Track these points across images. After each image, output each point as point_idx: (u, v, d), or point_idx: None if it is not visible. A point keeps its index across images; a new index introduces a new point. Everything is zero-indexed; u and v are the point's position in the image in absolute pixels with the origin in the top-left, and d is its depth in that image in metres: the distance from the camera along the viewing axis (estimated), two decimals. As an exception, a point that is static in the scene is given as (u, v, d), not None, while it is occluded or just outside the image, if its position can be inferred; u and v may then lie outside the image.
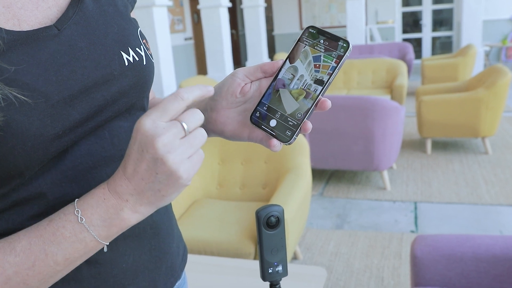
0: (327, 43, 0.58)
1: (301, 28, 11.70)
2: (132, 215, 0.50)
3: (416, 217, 3.15)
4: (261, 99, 0.60)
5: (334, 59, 0.57)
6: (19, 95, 0.47)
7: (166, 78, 5.91)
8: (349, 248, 2.77)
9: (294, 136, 0.57)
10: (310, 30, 0.60)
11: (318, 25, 11.81)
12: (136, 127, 0.48)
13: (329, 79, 0.57)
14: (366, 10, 10.92)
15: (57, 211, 0.52)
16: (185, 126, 0.48)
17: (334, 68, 0.57)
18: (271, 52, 12.49)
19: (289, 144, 0.57)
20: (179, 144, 0.48)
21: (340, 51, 0.57)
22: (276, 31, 12.29)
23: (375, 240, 2.85)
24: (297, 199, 2.14)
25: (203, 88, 0.51)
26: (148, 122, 0.47)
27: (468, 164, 4.04)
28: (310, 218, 3.23)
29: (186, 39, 9.99)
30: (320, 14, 11.80)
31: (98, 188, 0.51)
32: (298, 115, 0.57)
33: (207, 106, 0.63)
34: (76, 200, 0.51)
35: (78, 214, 0.50)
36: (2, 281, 0.48)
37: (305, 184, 2.29)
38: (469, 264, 1.50)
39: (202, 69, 10.42)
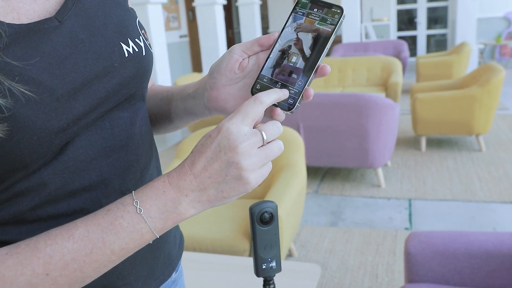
0: (321, 11, 0.59)
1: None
2: (189, 210, 0.52)
3: (410, 214, 3.17)
4: (260, 72, 0.60)
5: (329, 26, 0.58)
6: (25, 90, 0.47)
7: (161, 75, 5.89)
8: (344, 245, 2.78)
9: (297, 104, 0.57)
10: (302, 0, 0.60)
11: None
12: (218, 128, 0.51)
13: (325, 46, 0.57)
14: (361, 8, 10.93)
15: (114, 201, 0.53)
16: (265, 137, 0.52)
17: (329, 36, 0.58)
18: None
19: (292, 112, 0.58)
20: (256, 153, 0.51)
21: (334, 18, 0.58)
22: (271, 29, 12.29)
23: (370, 237, 2.86)
24: (291, 196, 2.14)
25: (279, 92, 0.56)
26: (232, 126, 0.50)
27: (462, 162, 4.06)
28: (305, 215, 3.24)
29: (181, 36, 9.97)
30: (315, 12, 11.80)
31: (157, 181, 0.52)
32: (299, 82, 0.58)
33: (207, 85, 0.64)
34: (133, 191, 0.52)
35: (137, 205, 0.51)
36: (60, 267, 0.49)
37: (299, 182, 2.30)
38: (462, 260, 1.51)
39: (197, 66, 10.41)
